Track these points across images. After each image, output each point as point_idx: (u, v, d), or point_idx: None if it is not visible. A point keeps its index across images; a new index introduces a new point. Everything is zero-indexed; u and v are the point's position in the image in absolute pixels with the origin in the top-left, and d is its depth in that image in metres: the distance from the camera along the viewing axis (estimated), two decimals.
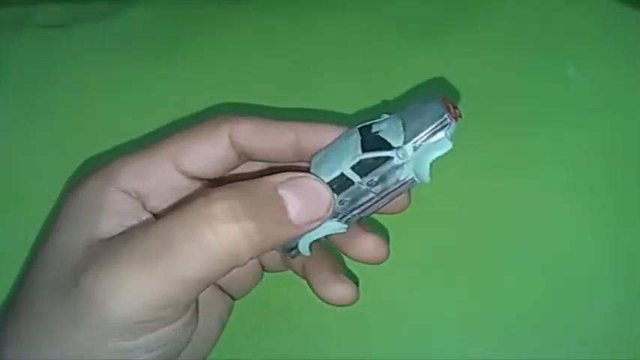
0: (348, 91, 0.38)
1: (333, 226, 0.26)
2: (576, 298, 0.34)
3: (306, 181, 0.25)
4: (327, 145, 0.27)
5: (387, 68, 0.40)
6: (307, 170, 0.26)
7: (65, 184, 0.35)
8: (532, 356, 0.33)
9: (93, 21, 0.42)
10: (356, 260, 0.29)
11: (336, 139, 0.27)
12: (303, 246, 0.27)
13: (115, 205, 0.26)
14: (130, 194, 0.26)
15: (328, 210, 0.25)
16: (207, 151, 0.27)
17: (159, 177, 0.27)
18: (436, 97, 0.25)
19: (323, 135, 0.27)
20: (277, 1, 0.43)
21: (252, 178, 0.25)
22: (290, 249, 0.28)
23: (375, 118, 0.26)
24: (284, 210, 0.24)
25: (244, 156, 0.28)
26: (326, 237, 0.27)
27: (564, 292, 0.34)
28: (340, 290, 0.28)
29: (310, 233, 0.26)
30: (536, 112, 0.38)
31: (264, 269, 0.32)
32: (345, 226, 0.27)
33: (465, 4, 0.42)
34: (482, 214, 0.36)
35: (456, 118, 0.24)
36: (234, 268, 0.24)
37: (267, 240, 0.24)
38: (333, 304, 0.28)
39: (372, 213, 0.27)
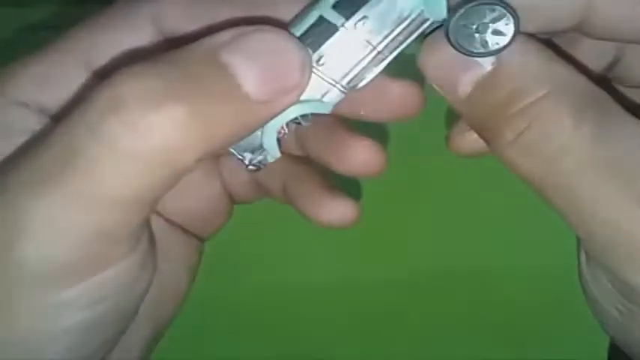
0: None
1: (313, 104, 0.18)
2: (576, 298, 0.34)
3: (261, 34, 0.17)
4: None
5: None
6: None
7: None
8: (532, 356, 0.33)
9: None
10: (344, 173, 0.22)
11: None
12: (269, 141, 0.19)
13: (8, 124, 0.19)
14: (28, 107, 0.19)
15: (303, 70, 0.17)
16: (126, 43, 0.20)
17: (67, 82, 0.20)
18: None
19: (277, 9, 0.19)
20: None
21: None
22: (253, 149, 0.19)
23: None
24: (233, 81, 0.16)
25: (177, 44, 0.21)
26: (299, 122, 0.19)
27: (564, 291, 0.34)
28: (339, 208, 0.22)
29: (277, 118, 0.18)
30: None
31: (233, 201, 0.25)
32: (330, 104, 0.18)
33: None
34: (484, 213, 0.36)
35: None
36: (179, 175, 0.17)
37: (214, 128, 0.17)
38: (332, 227, 0.22)
39: (369, 83, 0.19)
